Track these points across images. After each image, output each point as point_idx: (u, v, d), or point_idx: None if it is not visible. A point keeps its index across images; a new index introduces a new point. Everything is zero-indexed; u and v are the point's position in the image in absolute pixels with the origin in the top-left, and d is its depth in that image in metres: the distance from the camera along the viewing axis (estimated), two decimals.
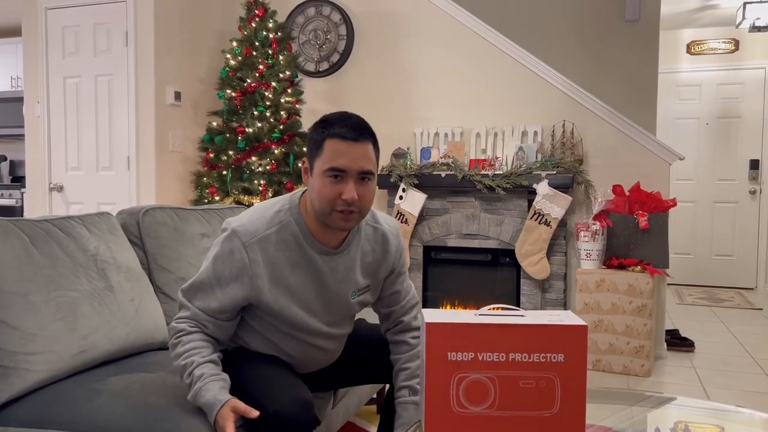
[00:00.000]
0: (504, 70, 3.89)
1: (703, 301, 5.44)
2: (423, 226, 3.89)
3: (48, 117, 4.22)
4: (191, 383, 1.44)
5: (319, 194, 1.43)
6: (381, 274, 1.66)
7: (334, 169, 1.41)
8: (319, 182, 1.43)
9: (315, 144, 1.45)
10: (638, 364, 3.29)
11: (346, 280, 1.58)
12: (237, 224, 1.49)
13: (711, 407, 1.81)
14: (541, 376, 1.31)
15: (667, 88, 6.12)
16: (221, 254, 1.49)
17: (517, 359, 1.30)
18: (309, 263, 1.52)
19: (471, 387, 1.30)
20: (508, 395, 1.30)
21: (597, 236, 3.42)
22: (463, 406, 1.30)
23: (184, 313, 1.53)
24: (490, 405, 1.30)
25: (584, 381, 1.32)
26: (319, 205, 1.44)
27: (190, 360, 1.46)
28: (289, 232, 1.50)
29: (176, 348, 1.49)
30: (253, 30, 3.77)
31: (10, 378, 1.48)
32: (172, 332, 1.52)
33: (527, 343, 1.30)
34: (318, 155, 1.44)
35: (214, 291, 1.50)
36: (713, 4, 5.40)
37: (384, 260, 1.64)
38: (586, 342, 1.32)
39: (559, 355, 1.31)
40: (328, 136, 1.42)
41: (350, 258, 1.57)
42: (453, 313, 1.37)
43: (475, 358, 1.30)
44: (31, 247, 1.63)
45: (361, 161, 1.42)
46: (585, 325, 1.31)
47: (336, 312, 1.61)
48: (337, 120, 1.44)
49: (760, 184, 5.99)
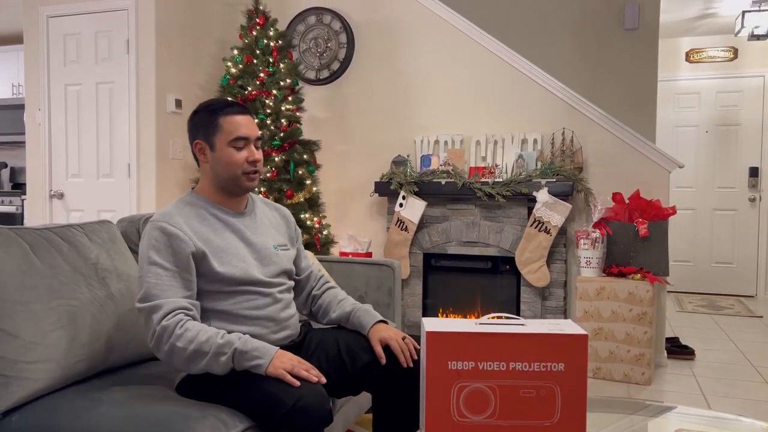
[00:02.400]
0: (504, 77, 3.90)
1: (703, 308, 5.43)
2: (423, 234, 3.89)
3: (49, 124, 4.23)
4: (229, 339, 1.50)
5: (227, 163, 1.66)
6: (292, 234, 1.88)
7: (238, 139, 1.66)
8: (227, 153, 1.66)
9: (210, 124, 1.67)
10: (638, 372, 3.28)
11: (263, 234, 1.76)
12: (153, 218, 1.62)
13: (711, 416, 1.80)
14: (542, 385, 1.31)
15: (666, 96, 6.14)
16: (150, 242, 1.57)
17: (518, 368, 1.30)
18: (227, 225, 1.69)
19: (471, 396, 1.30)
20: (509, 404, 1.30)
21: (597, 244, 3.43)
22: (463, 415, 1.30)
23: (164, 310, 1.51)
24: (491, 414, 1.30)
25: (585, 390, 1.32)
26: (228, 172, 1.67)
27: (214, 330, 1.52)
28: (199, 206, 1.69)
29: (185, 335, 1.49)
30: (254, 38, 3.79)
31: (11, 387, 1.48)
32: (167, 330, 1.49)
33: (528, 352, 1.30)
34: (217, 132, 1.67)
35: (168, 272, 1.54)
36: (712, 12, 5.42)
37: (287, 222, 1.88)
38: (587, 351, 1.33)
39: (560, 365, 1.31)
40: (222, 115, 1.67)
41: (258, 218, 1.78)
42: (453, 321, 1.38)
43: (475, 367, 1.30)
44: (32, 256, 1.64)
45: (255, 129, 1.71)
46: (585, 334, 1.31)
47: (268, 263, 1.72)
48: (221, 102, 1.70)
49: (759, 192, 6.00)
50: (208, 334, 1.50)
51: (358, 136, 4.23)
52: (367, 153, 4.20)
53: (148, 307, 1.52)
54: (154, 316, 1.51)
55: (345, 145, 4.27)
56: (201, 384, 1.59)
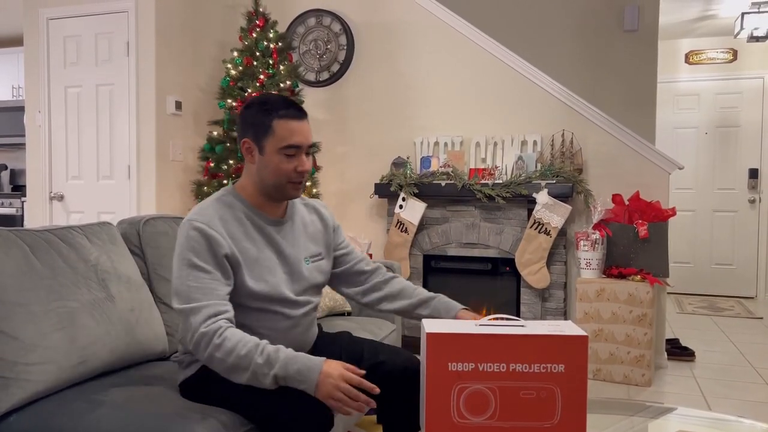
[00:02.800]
0: (503, 79, 3.91)
1: (704, 310, 5.43)
2: (423, 235, 3.89)
3: (49, 126, 4.24)
4: (268, 358, 1.42)
5: (275, 170, 1.59)
6: (329, 239, 1.82)
7: (290, 147, 1.58)
8: (275, 159, 1.59)
9: (262, 125, 1.58)
10: (638, 373, 3.28)
11: (297, 246, 1.70)
12: (190, 216, 1.57)
13: (712, 417, 1.80)
14: (542, 386, 1.31)
15: (666, 97, 6.14)
16: (188, 243, 1.53)
17: (518, 370, 1.30)
18: (263, 234, 1.64)
19: (472, 397, 1.30)
20: (509, 406, 1.30)
21: (597, 245, 3.43)
22: (463, 416, 1.30)
23: (204, 314, 1.47)
24: (491, 416, 1.30)
25: (585, 391, 1.32)
26: (274, 179, 1.60)
27: (254, 343, 1.45)
28: (238, 209, 1.63)
29: (224, 345, 1.43)
30: (254, 40, 3.79)
31: (10, 388, 1.48)
32: (205, 337, 1.44)
33: (528, 353, 1.30)
34: (268, 135, 1.58)
35: (209, 275, 1.51)
36: (711, 14, 5.42)
37: (325, 226, 1.82)
38: (587, 352, 1.32)
39: (560, 366, 1.31)
40: (277, 117, 1.57)
41: (296, 226, 1.72)
42: (453, 323, 1.38)
43: (475, 368, 1.30)
44: (32, 257, 1.64)
45: (309, 136, 1.62)
46: (585, 335, 1.32)
47: (298, 278, 1.68)
48: (278, 101, 1.60)
49: (759, 193, 6.00)
50: (247, 347, 1.43)
51: (357, 137, 4.24)
52: (366, 155, 4.20)
53: (188, 309, 1.48)
54: (192, 320, 1.47)
55: (345, 147, 4.27)
56: (203, 385, 1.59)
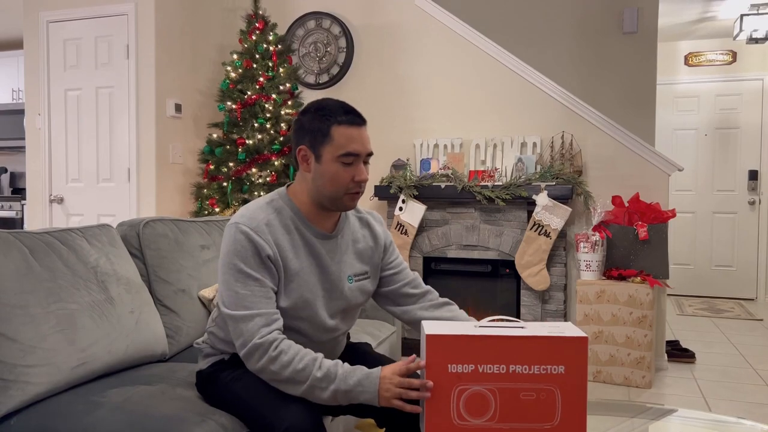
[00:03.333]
0: (503, 81, 3.91)
1: (704, 311, 5.43)
2: (423, 237, 3.89)
3: (49, 129, 4.24)
4: (327, 372, 1.41)
5: (332, 179, 1.51)
6: (377, 258, 1.72)
7: (349, 155, 1.49)
8: (332, 168, 1.50)
9: (320, 132, 1.50)
10: (639, 375, 3.28)
11: (342, 263, 1.63)
12: (238, 218, 1.52)
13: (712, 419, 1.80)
14: (542, 388, 1.31)
15: (665, 99, 6.15)
16: (234, 247, 1.48)
17: (518, 371, 1.30)
18: (308, 246, 1.57)
19: (472, 399, 1.31)
20: (509, 407, 1.30)
21: (597, 247, 3.43)
22: (463, 418, 1.30)
23: (257, 324, 1.45)
24: (491, 417, 1.30)
25: (585, 392, 1.32)
26: (332, 189, 1.52)
27: (311, 357, 1.43)
28: (287, 217, 1.56)
29: (280, 358, 1.42)
30: (254, 43, 3.80)
31: (10, 390, 1.48)
32: (260, 349, 1.43)
33: (528, 355, 1.30)
34: (326, 143, 1.50)
35: (257, 282, 1.48)
36: (711, 16, 5.43)
37: (376, 244, 1.72)
38: (587, 353, 1.32)
39: (560, 367, 1.31)
40: (335, 123, 1.49)
41: (344, 242, 1.64)
42: (453, 324, 1.37)
43: (475, 370, 1.30)
44: (32, 260, 1.64)
45: (368, 144, 1.54)
46: (585, 336, 1.32)
47: (338, 298, 1.62)
48: (336, 107, 1.52)
49: (759, 195, 6.00)
50: (304, 361, 1.42)
51: None
52: None
53: (239, 316, 1.46)
54: (244, 328, 1.45)
55: None
56: (210, 382, 1.61)
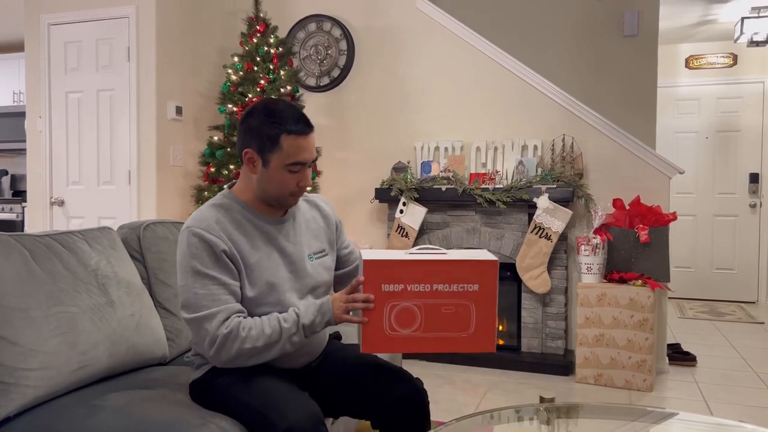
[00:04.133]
0: (504, 84, 3.91)
1: (705, 314, 5.42)
2: (423, 240, 3.89)
3: (49, 131, 4.24)
4: (290, 329, 1.53)
5: (278, 185, 1.58)
6: (332, 235, 1.80)
7: (297, 163, 1.56)
8: (279, 175, 1.56)
9: (269, 139, 1.54)
10: (640, 378, 3.27)
11: (299, 243, 1.69)
12: (188, 223, 1.56)
13: (713, 422, 1.80)
14: (459, 303, 1.56)
15: (666, 102, 6.15)
16: (189, 250, 1.52)
17: (440, 289, 1.55)
18: (263, 234, 1.62)
19: (401, 313, 1.54)
20: (432, 320, 1.55)
21: (597, 250, 3.42)
22: (394, 329, 1.54)
23: (220, 318, 1.49)
24: (417, 328, 1.55)
25: (495, 307, 1.57)
26: (277, 193, 1.59)
27: (273, 317, 1.53)
28: (236, 212, 1.61)
29: (250, 333, 1.49)
30: (255, 45, 3.80)
31: (10, 394, 1.48)
32: (230, 336, 1.48)
33: (448, 276, 1.55)
34: (275, 150, 1.55)
35: (215, 281, 1.51)
36: (711, 19, 5.43)
37: (327, 222, 1.80)
38: (497, 274, 1.57)
39: (474, 285, 1.56)
40: (285, 132, 1.54)
41: (297, 224, 1.71)
42: (387, 252, 1.63)
43: (404, 289, 1.54)
44: (32, 263, 1.63)
45: (313, 152, 1.60)
46: (496, 260, 1.57)
47: (303, 276, 1.67)
48: (287, 114, 1.55)
49: (760, 198, 6.00)
50: (270, 325, 1.52)
51: (358, 142, 4.24)
52: (367, 159, 4.21)
53: (201, 316, 1.49)
54: (208, 326, 1.49)
55: (345, 152, 4.27)
56: (208, 388, 1.60)
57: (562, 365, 3.54)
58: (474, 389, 3.28)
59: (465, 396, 3.16)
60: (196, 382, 1.64)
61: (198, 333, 1.51)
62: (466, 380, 3.43)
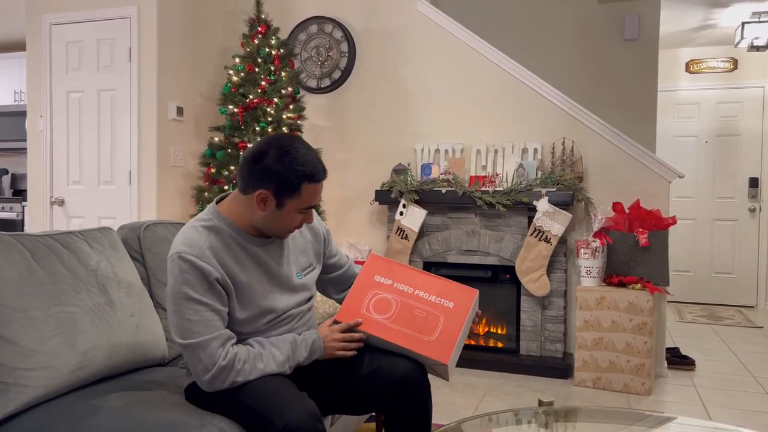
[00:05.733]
0: (504, 87, 3.92)
1: (704, 319, 5.43)
2: (423, 242, 3.89)
3: (50, 131, 4.24)
4: (283, 364, 1.60)
5: (286, 225, 1.60)
6: (319, 248, 1.84)
7: (310, 207, 1.61)
8: (291, 217, 1.59)
9: (289, 185, 1.54)
10: (639, 382, 3.27)
11: (287, 263, 1.71)
12: (179, 248, 1.54)
13: (712, 427, 1.80)
14: (432, 312, 1.73)
15: (666, 106, 6.16)
16: (181, 276, 1.51)
17: (420, 295, 1.76)
18: (252, 257, 1.63)
19: (380, 302, 1.75)
20: (404, 315, 1.73)
21: (597, 253, 3.43)
22: (369, 311, 1.74)
23: (213, 347, 1.51)
24: (388, 317, 1.73)
25: (461, 328, 1.70)
26: (281, 230, 1.62)
27: (266, 355, 1.58)
28: (226, 235, 1.60)
29: (244, 368, 1.53)
30: (256, 46, 3.80)
31: (9, 394, 1.48)
32: (225, 369, 1.51)
33: (431, 287, 1.77)
34: (293, 196, 1.56)
35: (207, 307, 1.52)
36: (712, 23, 5.44)
37: (315, 236, 1.83)
38: (472, 302, 1.74)
39: (450, 303, 1.74)
40: (307, 181, 1.55)
41: (285, 243, 1.72)
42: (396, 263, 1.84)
43: (391, 284, 1.77)
44: (33, 263, 1.64)
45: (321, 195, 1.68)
46: (476, 290, 1.77)
47: (294, 293, 1.72)
48: (308, 163, 1.55)
49: (759, 202, 6.00)
50: (264, 360, 1.57)
51: (358, 144, 4.24)
52: (367, 161, 4.21)
53: (195, 343, 1.50)
54: (202, 354, 1.51)
55: (346, 154, 4.28)
56: (204, 393, 1.59)
57: (561, 368, 3.54)
58: (472, 392, 3.28)
59: (463, 399, 3.16)
60: (192, 386, 1.64)
61: (191, 359, 1.53)
62: (465, 383, 3.43)
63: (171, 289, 1.53)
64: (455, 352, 1.69)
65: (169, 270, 1.55)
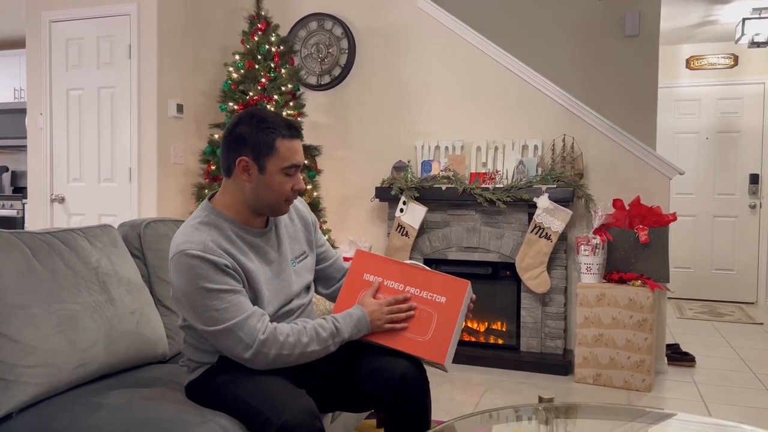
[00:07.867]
0: (504, 84, 3.91)
1: (704, 315, 5.43)
2: (423, 239, 3.89)
3: (50, 128, 4.24)
4: (327, 339, 1.59)
5: (276, 190, 1.59)
6: (310, 235, 1.84)
7: (292, 166, 1.59)
8: (277, 179, 1.58)
9: (264, 145, 1.56)
10: (639, 379, 3.28)
11: (284, 251, 1.72)
12: (181, 246, 1.53)
13: (712, 423, 1.80)
14: (424, 309, 1.67)
15: (666, 102, 6.15)
16: (196, 272, 1.50)
17: (411, 291, 1.70)
18: (253, 248, 1.64)
19: None
20: None
21: (597, 250, 3.43)
22: None
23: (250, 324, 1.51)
24: None
25: (455, 323, 1.65)
26: (274, 199, 1.61)
27: (309, 330, 1.58)
28: (227, 229, 1.61)
29: (288, 340, 1.54)
30: (256, 43, 3.80)
31: (10, 391, 1.48)
32: (266, 343, 1.51)
33: (421, 282, 1.70)
34: (271, 155, 1.57)
35: (230, 292, 1.51)
36: (713, 19, 5.43)
37: (305, 223, 1.84)
38: (465, 295, 1.68)
39: (442, 298, 1.68)
40: (280, 137, 1.57)
41: (279, 232, 1.74)
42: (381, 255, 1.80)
43: (382, 282, 1.72)
44: (33, 260, 1.64)
45: (303, 155, 1.68)
46: (467, 281, 1.70)
47: (289, 282, 1.71)
48: (278, 120, 1.59)
49: (760, 199, 6.00)
50: (308, 335, 1.57)
51: (358, 141, 4.24)
52: (367, 158, 4.21)
53: (230, 326, 1.50)
54: (241, 334, 1.50)
55: (346, 151, 4.27)
56: (205, 388, 1.60)
57: (561, 365, 3.54)
58: (473, 389, 3.28)
59: (464, 395, 3.17)
60: (193, 383, 1.65)
61: (227, 342, 1.52)
62: (465, 380, 3.43)
63: (183, 290, 1.52)
64: (451, 349, 1.66)
65: (174, 271, 1.53)
